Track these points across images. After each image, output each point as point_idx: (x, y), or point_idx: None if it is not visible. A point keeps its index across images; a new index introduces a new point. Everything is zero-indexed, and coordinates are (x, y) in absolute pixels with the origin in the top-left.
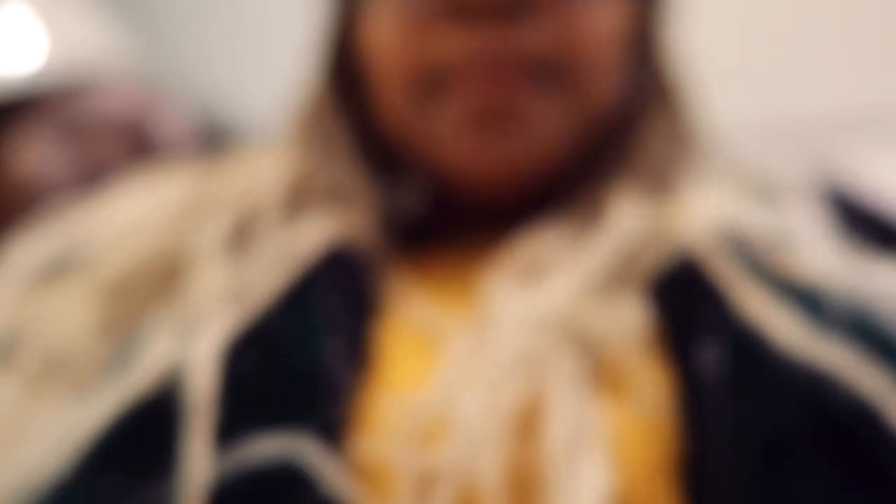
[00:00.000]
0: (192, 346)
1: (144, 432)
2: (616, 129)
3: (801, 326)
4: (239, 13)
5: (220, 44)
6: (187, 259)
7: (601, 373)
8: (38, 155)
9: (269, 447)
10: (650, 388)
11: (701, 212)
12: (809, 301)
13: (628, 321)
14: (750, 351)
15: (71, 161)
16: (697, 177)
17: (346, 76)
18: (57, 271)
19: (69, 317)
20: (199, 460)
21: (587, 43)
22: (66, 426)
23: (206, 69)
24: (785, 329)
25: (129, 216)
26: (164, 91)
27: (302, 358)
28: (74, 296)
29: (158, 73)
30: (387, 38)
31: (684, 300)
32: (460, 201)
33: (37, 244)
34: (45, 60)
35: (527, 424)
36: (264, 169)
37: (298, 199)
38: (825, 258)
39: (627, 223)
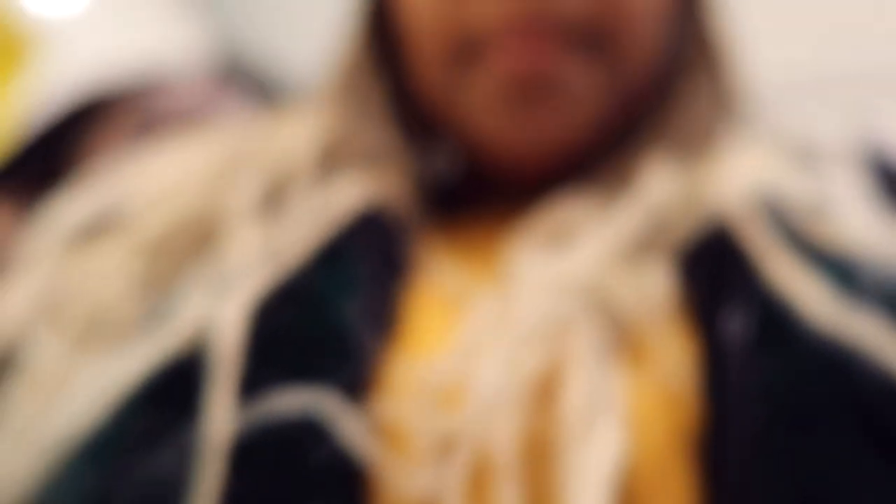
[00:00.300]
0: (223, 304)
1: (176, 385)
2: (655, 93)
3: (832, 297)
4: None
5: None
6: (223, 219)
7: (624, 341)
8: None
9: (291, 401)
10: (673, 358)
11: (736, 177)
12: (844, 270)
13: (655, 289)
14: (777, 319)
15: None
16: (735, 141)
17: (383, 38)
18: (97, 230)
19: (109, 276)
20: (221, 411)
21: (629, 7)
22: (101, 379)
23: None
24: (815, 299)
25: (168, 177)
26: (243, 86)
27: (329, 317)
28: (114, 255)
29: (238, 65)
30: (422, 1)
31: (714, 268)
32: (492, 170)
33: (78, 203)
34: (126, 60)
35: (545, 391)
36: (299, 130)
37: (332, 161)
38: (863, 226)
39: (659, 189)
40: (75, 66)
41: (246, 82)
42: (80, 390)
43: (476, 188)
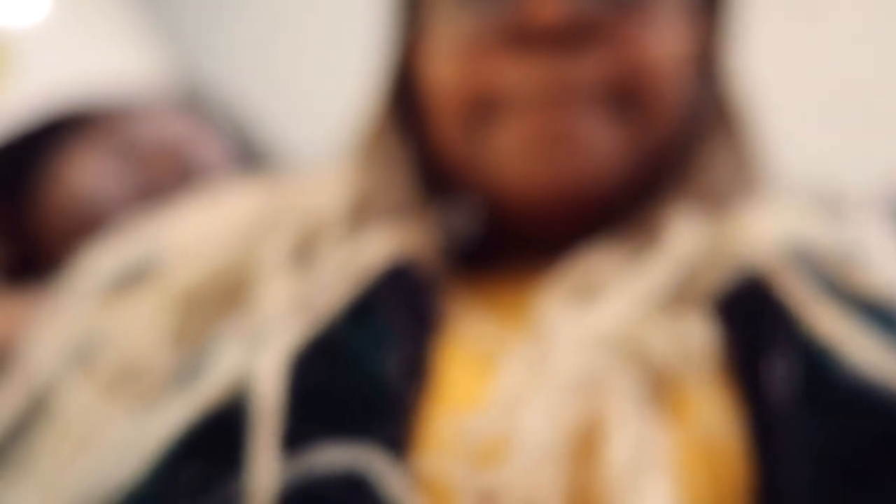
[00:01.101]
0: (260, 356)
1: (216, 437)
2: (677, 151)
3: (876, 344)
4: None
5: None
6: (254, 272)
7: (662, 393)
8: (94, 172)
9: (335, 457)
10: (715, 411)
11: (764, 228)
12: (882, 317)
13: (689, 340)
14: (822, 370)
15: (125, 180)
16: (758, 197)
17: (406, 100)
18: (130, 282)
19: (142, 327)
20: (265, 464)
21: (651, 71)
22: (140, 432)
23: (239, 87)
24: (859, 347)
25: (200, 230)
26: (205, 114)
27: (366, 372)
28: (147, 306)
29: (199, 93)
30: (446, 65)
31: (751, 318)
32: (515, 224)
33: (112, 254)
34: (94, 80)
35: (587, 445)
36: (327, 187)
37: (359, 218)
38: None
39: (686, 242)
40: (33, 83)
41: (210, 114)
42: (119, 442)
43: (499, 244)
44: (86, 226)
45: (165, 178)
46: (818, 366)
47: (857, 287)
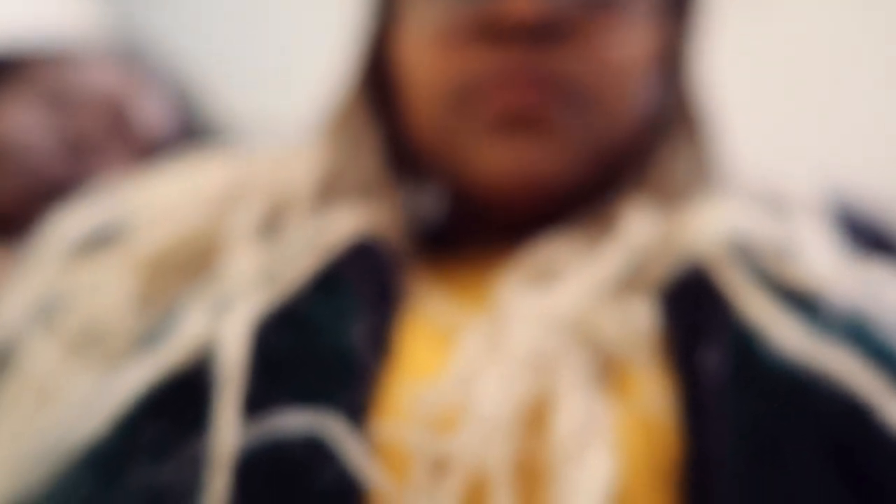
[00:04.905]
0: (226, 321)
1: (179, 399)
2: (637, 147)
3: (800, 330)
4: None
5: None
6: (221, 241)
7: (608, 373)
8: (19, 118)
9: (297, 421)
10: (654, 390)
11: (710, 222)
12: (809, 307)
13: (636, 325)
14: (749, 353)
15: (52, 128)
16: (711, 194)
17: (378, 81)
18: (97, 245)
19: (107, 289)
20: (227, 426)
21: (617, 73)
22: (104, 390)
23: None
24: (784, 332)
25: (168, 197)
26: (147, 71)
27: (331, 340)
28: (113, 269)
29: (138, 51)
30: (421, 53)
31: (691, 306)
32: (480, 209)
33: (79, 218)
34: (23, 26)
35: (536, 418)
36: (296, 163)
37: (327, 193)
38: (826, 267)
39: (639, 233)
40: None
41: (149, 71)
42: (83, 399)
43: (463, 228)
44: (11, 173)
45: (98, 128)
46: (747, 349)
47: (787, 278)
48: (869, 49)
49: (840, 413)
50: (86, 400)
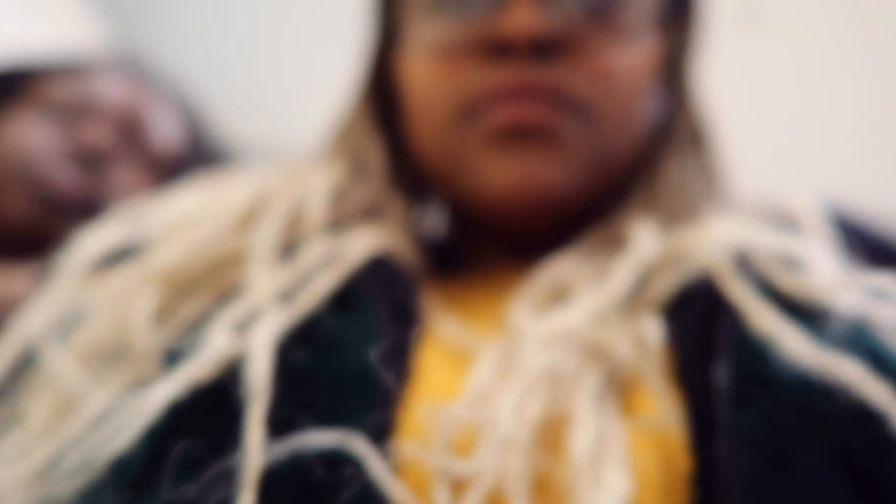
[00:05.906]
0: (251, 338)
1: (205, 416)
2: (641, 160)
3: (808, 340)
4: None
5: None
6: (241, 258)
7: (620, 389)
8: (29, 132)
9: (321, 439)
10: (664, 406)
11: (715, 236)
12: (814, 318)
13: (646, 340)
14: (758, 365)
15: (64, 141)
16: (717, 208)
17: (381, 100)
18: (119, 260)
19: (128, 304)
20: (256, 444)
21: (618, 86)
22: (131, 406)
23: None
24: (792, 342)
25: (188, 214)
26: (158, 87)
27: (352, 359)
28: (134, 284)
29: (148, 65)
30: (423, 69)
31: (699, 320)
32: (485, 225)
33: (102, 234)
34: (29, 43)
35: (552, 436)
36: (310, 179)
37: (337, 211)
38: (831, 278)
39: (646, 249)
40: None
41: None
42: (108, 416)
43: (468, 246)
44: (22, 186)
45: (109, 141)
46: (756, 362)
47: (792, 290)
48: (868, 60)
49: (850, 423)
50: (113, 415)
